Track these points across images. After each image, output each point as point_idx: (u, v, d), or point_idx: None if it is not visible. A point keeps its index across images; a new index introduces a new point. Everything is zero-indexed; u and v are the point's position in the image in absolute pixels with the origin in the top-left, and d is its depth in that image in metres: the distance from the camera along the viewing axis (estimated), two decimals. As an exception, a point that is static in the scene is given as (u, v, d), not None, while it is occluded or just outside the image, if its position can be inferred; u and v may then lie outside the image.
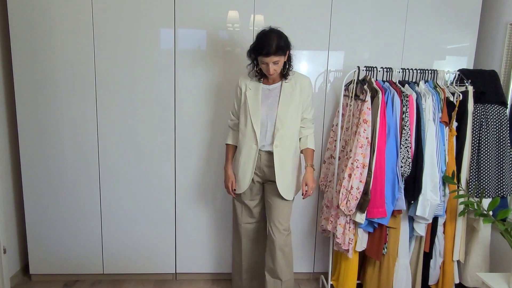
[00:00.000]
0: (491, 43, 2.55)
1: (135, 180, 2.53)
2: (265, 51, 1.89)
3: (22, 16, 2.30)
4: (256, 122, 2.03)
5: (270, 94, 2.07)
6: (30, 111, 2.41)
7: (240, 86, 2.12)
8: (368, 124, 2.15)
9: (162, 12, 2.35)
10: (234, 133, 2.20)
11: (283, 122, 2.02)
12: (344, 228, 2.24)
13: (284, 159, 2.06)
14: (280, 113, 2.02)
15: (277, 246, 2.10)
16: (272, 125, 2.04)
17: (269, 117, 2.04)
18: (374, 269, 2.37)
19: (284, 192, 2.07)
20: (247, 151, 2.07)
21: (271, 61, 1.92)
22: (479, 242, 2.34)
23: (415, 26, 2.48)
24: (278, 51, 1.91)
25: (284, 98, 2.04)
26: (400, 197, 2.18)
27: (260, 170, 2.12)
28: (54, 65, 2.36)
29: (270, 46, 1.89)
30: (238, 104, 2.15)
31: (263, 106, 2.05)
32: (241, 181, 2.11)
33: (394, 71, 2.30)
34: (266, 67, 1.96)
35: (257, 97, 2.06)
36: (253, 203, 2.21)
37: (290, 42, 1.98)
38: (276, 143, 2.03)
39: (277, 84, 2.08)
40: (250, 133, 2.05)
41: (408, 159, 2.16)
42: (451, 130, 2.27)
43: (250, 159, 2.07)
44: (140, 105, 2.45)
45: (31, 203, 2.51)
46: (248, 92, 2.08)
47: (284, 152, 2.05)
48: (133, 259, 2.63)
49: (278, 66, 1.96)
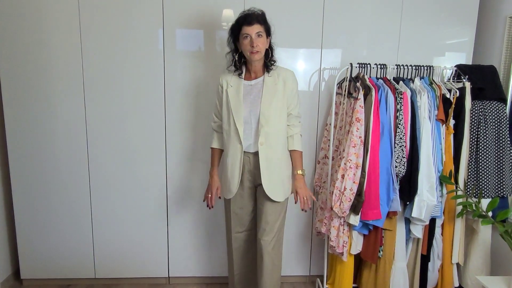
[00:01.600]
0: (490, 37, 2.47)
1: (126, 183, 2.49)
2: (248, 18, 1.82)
3: (8, 16, 2.27)
4: (238, 120, 1.92)
5: (252, 89, 1.96)
6: (18, 113, 2.37)
7: (221, 84, 2.00)
8: (361, 122, 2.08)
9: (151, 12, 2.31)
10: (218, 136, 2.08)
11: (267, 118, 1.91)
12: (338, 231, 2.17)
13: (271, 158, 1.95)
14: (263, 108, 1.91)
15: (264, 254, 1.99)
16: (256, 122, 1.93)
17: (252, 113, 1.93)
18: (370, 272, 2.30)
19: (271, 193, 1.95)
20: (233, 152, 1.97)
21: (254, 31, 1.82)
22: (479, 244, 2.26)
23: (412, 22, 2.40)
24: (261, 21, 1.85)
25: (267, 92, 1.93)
26: (395, 198, 2.11)
27: (250, 173, 2.00)
28: (42, 67, 2.33)
29: (253, 14, 1.84)
30: (220, 103, 2.03)
31: (246, 102, 1.94)
32: (231, 184, 2.00)
33: (388, 67, 2.23)
34: (250, 42, 1.83)
35: (238, 93, 1.95)
36: (242, 212, 2.08)
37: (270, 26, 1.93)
38: (261, 140, 1.92)
39: (259, 79, 1.97)
40: (234, 132, 1.94)
41: (403, 158, 2.09)
42: (448, 128, 2.20)
43: (237, 160, 1.96)
44: (129, 108, 2.41)
45: (21, 207, 2.48)
46: (230, 89, 1.96)
47: (271, 150, 1.94)
48: (125, 263, 2.59)
49: (261, 42, 1.85)
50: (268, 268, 2.02)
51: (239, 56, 1.95)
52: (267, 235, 2.01)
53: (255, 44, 1.83)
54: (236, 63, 1.97)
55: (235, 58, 1.97)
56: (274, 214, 2.01)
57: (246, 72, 1.99)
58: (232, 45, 1.96)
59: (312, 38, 2.39)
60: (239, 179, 1.99)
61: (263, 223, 2.01)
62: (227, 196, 2.05)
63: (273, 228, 2.01)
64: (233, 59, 1.98)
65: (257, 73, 1.98)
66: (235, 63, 1.98)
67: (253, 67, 1.96)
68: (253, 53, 1.85)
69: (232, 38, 1.94)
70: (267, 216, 2.00)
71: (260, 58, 1.91)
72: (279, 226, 2.05)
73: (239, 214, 2.09)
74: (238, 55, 1.95)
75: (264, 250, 2.01)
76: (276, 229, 2.02)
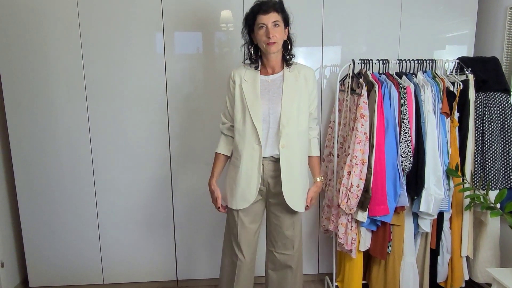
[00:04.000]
0: (491, 29, 2.46)
1: (131, 187, 2.48)
2: (264, 6, 1.65)
3: (10, 23, 2.27)
4: (256, 117, 1.71)
5: (270, 86, 1.76)
6: (20, 120, 2.37)
7: (233, 79, 1.79)
8: (365, 118, 2.07)
9: (150, 16, 2.30)
10: (226, 140, 1.88)
11: (288, 117, 1.71)
12: (346, 228, 2.16)
13: (292, 162, 1.75)
14: (284, 107, 1.71)
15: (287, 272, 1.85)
16: (275, 122, 1.73)
17: (271, 112, 1.73)
18: (380, 268, 2.29)
19: (293, 202, 1.75)
20: (249, 155, 1.74)
21: (270, 20, 1.65)
22: (488, 236, 2.25)
23: (411, 15, 2.40)
24: (278, 10, 1.68)
25: (288, 89, 1.74)
26: (402, 193, 2.10)
27: (264, 182, 1.80)
28: (44, 72, 2.33)
29: (269, 1, 1.67)
30: (231, 101, 1.81)
31: (264, 99, 1.74)
32: (246, 192, 1.76)
33: (390, 62, 2.22)
34: (266, 32, 1.66)
35: (255, 88, 1.74)
36: (254, 227, 1.84)
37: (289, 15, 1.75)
38: (283, 142, 1.72)
39: (278, 75, 1.78)
40: (250, 132, 1.73)
41: (409, 153, 2.08)
42: (452, 121, 2.19)
43: (254, 163, 1.74)
44: (132, 112, 2.40)
45: (27, 216, 2.47)
46: (244, 84, 1.76)
47: (292, 154, 1.74)
48: (133, 267, 2.58)
49: (279, 32, 1.68)
50: None
51: (254, 48, 1.77)
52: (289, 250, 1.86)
53: (271, 35, 1.66)
54: (252, 56, 1.78)
55: (250, 51, 1.77)
56: (295, 227, 1.86)
57: (262, 67, 1.80)
58: (246, 37, 1.78)
59: (312, 36, 2.39)
60: (258, 185, 1.76)
61: (281, 238, 1.86)
62: (240, 206, 1.79)
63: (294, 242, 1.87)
64: (249, 52, 1.78)
65: (274, 68, 1.79)
66: (250, 56, 1.78)
67: (270, 61, 1.77)
68: (270, 44, 1.68)
69: (246, 29, 1.76)
70: (286, 231, 1.84)
71: (278, 50, 1.73)
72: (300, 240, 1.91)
73: (249, 230, 1.85)
74: (254, 48, 1.77)
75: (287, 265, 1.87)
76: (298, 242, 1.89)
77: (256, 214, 1.86)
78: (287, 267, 1.92)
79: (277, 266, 1.94)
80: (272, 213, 1.88)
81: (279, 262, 1.92)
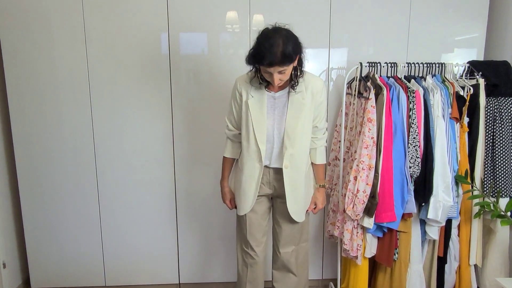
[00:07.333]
0: (502, 32, 2.41)
1: (134, 190, 2.46)
2: (267, 61, 1.53)
3: (15, 25, 2.25)
4: (261, 138, 1.72)
5: (276, 103, 1.75)
6: (25, 122, 2.35)
7: (240, 91, 1.77)
8: (373, 123, 2.03)
9: (155, 16, 2.28)
10: (233, 145, 1.90)
11: (292, 139, 1.73)
12: (352, 234, 2.12)
13: (296, 179, 1.79)
14: (288, 128, 1.72)
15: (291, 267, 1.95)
16: (279, 141, 1.76)
17: (276, 131, 1.75)
18: (386, 275, 2.25)
19: (295, 215, 1.84)
20: (250, 169, 1.79)
21: (275, 71, 1.58)
22: (497, 245, 2.20)
23: (420, 17, 2.35)
24: (285, 60, 1.54)
25: (293, 109, 1.72)
26: (410, 199, 2.06)
27: (270, 185, 1.86)
28: (48, 73, 2.31)
29: (274, 54, 1.52)
30: (237, 111, 1.80)
31: (269, 119, 1.73)
32: (243, 201, 1.85)
33: (399, 66, 2.18)
34: (270, 76, 1.62)
35: (262, 107, 1.72)
36: (264, 223, 1.94)
37: (300, 44, 1.62)
38: (286, 163, 1.75)
39: (284, 92, 1.75)
40: (254, 151, 1.75)
41: (417, 158, 2.04)
42: (462, 126, 2.14)
43: (253, 178, 1.79)
44: (136, 113, 2.38)
45: (30, 216, 2.46)
46: (251, 100, 1.73)
47: (296, 173, 1.78)
48: (135, 270, 2.56)
49: (285, 75, 1.62)
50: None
51: (261, 73, 1.69)
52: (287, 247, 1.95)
53: (276, 81, 1.62)
54: (259, 79, 1.71)
55: (257, 75, 1.71)
56: (297, 233, 1.95)
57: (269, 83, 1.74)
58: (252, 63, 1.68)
59: (319, 38, 2.35)
60: (254, 197, 1.83)
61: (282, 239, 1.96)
62: (240, 213, 1.90)
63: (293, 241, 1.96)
64: (255, 75, 1.73)
65: (282, 85, 1.76)
66: (259, 79, 1.72)
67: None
68: (276, 85, 1.67)
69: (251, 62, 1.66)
70: (286, 236, 1.94)
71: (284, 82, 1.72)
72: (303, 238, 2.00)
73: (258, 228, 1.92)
74: (260, 73, 1.69)
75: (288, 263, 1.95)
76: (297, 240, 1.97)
77: (264, 212, 1.94)
78: (289, 272, 1.98)
79: (278, 265, 2.00)
80: (275, 213, 1.96)
81: (280, 261, 1.98)
